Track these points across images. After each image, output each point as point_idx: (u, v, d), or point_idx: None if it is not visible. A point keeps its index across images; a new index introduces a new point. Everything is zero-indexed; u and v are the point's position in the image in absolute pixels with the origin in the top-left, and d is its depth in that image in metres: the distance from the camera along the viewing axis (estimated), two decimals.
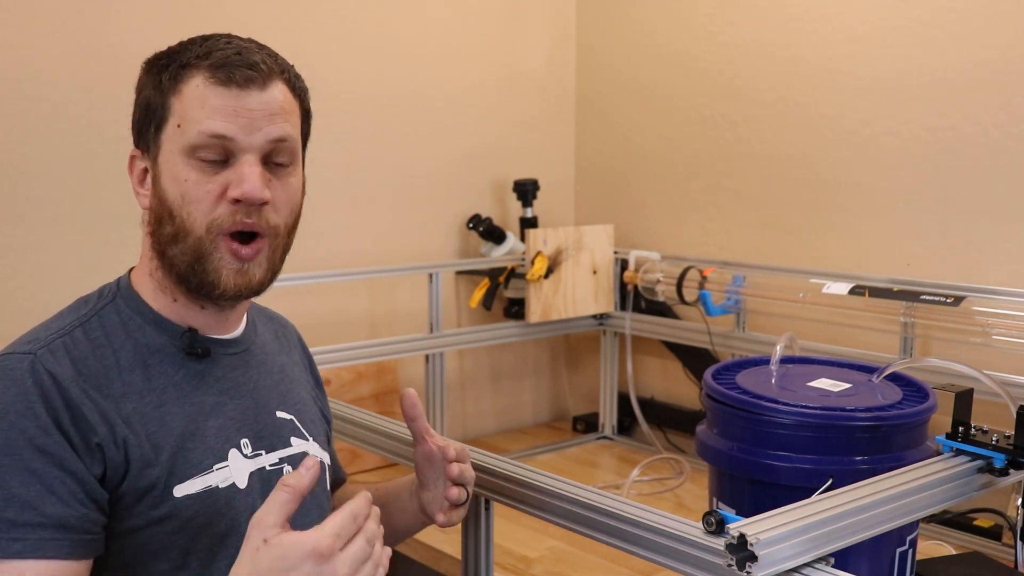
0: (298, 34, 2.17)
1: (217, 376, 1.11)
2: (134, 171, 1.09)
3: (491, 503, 1.30)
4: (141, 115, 1.07)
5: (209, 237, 1.03)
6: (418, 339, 2.19)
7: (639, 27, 2.54)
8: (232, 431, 1.10)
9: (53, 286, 1.88)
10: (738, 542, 0.94)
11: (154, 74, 1.06)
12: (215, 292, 1.05)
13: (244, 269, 1.05)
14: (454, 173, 2.49)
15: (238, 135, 1.02)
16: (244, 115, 1.03)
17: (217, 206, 1.03)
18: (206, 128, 1.02)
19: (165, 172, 1.04)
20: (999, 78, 1.87)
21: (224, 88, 1.03)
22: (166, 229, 1.04)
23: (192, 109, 1.02)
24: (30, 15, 1.83)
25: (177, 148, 1.03)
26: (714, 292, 2.16)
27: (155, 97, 1.05)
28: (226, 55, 1.03)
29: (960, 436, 1.24)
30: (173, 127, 1.04)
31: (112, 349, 1.05)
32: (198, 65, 1.03)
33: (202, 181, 1.03)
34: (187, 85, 1.03)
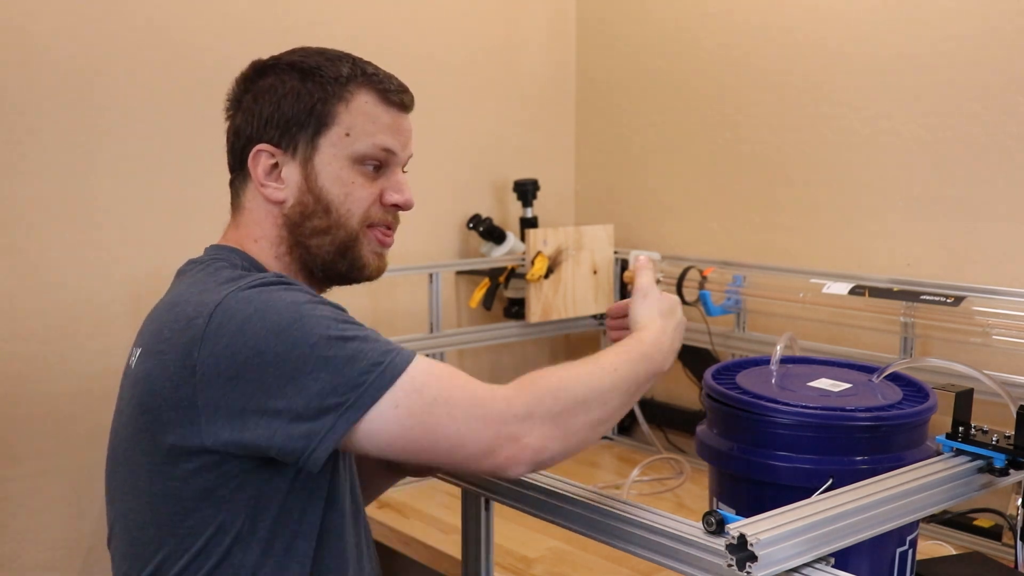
0: (297, 35, 2.16)
1: None
2: (260, 164, 1.19)
3: (491, 503, 1.30)
4: (293, 117, 1.17)
5: (361, 229, 1.20)
6: (418, 339, 2.19)
7: (639, 28, 2.54)
8: None
9: (54, 286, 1.88)
10: (738, 542, 0.94)
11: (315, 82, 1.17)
12: (364, 273, 1.23)
13: (383, 254, 1.25)
14: (454, 173, 2.49)
15: (398, 150, 1.23)
16: (403, 133, 1.24)
17: (372, 206, 1.21)
18: (379, 142, 1.20)
19: (327, 173, 1.18)
20: (999, 78, 1.87)
21: (394, 108, 1.22)
22: (315, 223, 1.18)
23: (364, 122, 1.19)
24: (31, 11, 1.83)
25: (344, 154, 1.18)
26: (714, 292, 2.16)
27: (314, 103, 1.17)
28: (391, 81, 1.21)
29: (960, 436, 1.24)
30: (340, 135, 1.18)
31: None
32: (365, 84, 1.19)
33: (366, 184, 1.20)
34: (356, 99, 1.18)
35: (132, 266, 1.96)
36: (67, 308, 1.90)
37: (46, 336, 1.88)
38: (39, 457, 1.88)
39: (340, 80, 1.17)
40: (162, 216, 2.00)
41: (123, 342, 2.01)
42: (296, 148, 1.17)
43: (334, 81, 1.17)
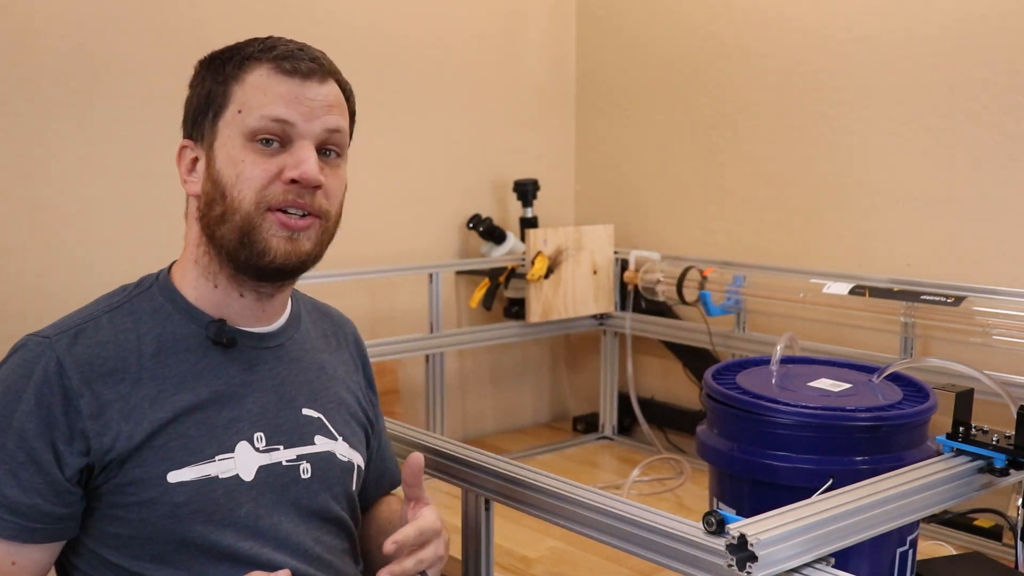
0: (297, 35, 2.16)
1: (242, 368, 1.13)
2: (183, 161, 1.13)
3: (491, 503, 1.30)
4: (198, 106, 1.11)
5: (258, 211, 1.07)
6: (418, 339, 2.19)
7: (639, 28, 2.54)
8: (246, 423, 1.11)
9: (54, 286, 1.88)
10: (738, 542, 0.94)
11: (215, 68, 1.11)
12: (265, 260, 1.08)
13: (294, 238, 1.08)
14: (454, 173, 2.49)
15: (298, 121, 1.08)
16: (304, 103, 1.08)
17: (270, 185, 1.07)
18: (268, 112, 1.07)
19: (221, 155, 1.08)
20: (999, 78, 1.87)
21: (288, 77, 1.08)
22: (216, 210, 1.08)
23: (255, 96, 1.08)
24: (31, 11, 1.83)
25: (237, 132, 1.08)
26: (714, 292, 2.16)
27: (215, 87, 1.10)
28: (289, 49, 1.10)
29: (960, 436, 1.24)
30: (233, 113, 1.08)
31: (137, 335, 1.09)
32: (262, 57, 1.09)
33: (259, 162, 1.07)
34: (251, 74, 1.09)
35: (134, 266, 1.95)
36: (67, 308, 1.90)
37: None
38: None
39: (236, 60, 1.10)
40: (164, 216, 2.00)
41: None
42: (203, 137, 1.11)
43: (230, 61, 1.10)
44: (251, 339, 1.14)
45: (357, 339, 1.35)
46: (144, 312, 1.11)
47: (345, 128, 1.13)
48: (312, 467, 1.15)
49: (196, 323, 1.11)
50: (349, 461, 1.21)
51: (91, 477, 1.04)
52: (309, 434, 1.17)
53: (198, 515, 1.06)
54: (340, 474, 1.19)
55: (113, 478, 1.04)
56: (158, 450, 1.05)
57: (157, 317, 1.11)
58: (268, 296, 1.14)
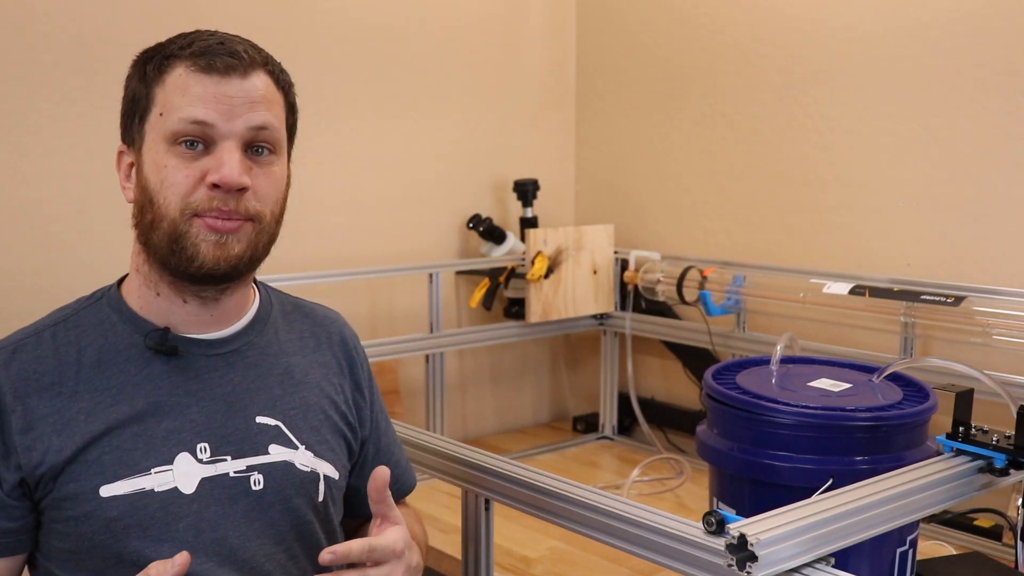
0: (296, 34, 2.17)
1: (187, 377, 1.09)
2: (121, 166, 1.10)
3: (491, 503, 1.30)
4: (127, 109, 1.09)
5: (183, 218, 1.03)
6: (418, 339, 2.19)
7: (639, 27, 2.54)
8: (188, 434, 1.07)
9: (54, 286, 1.88)
10: (738, 542, 0.94)
11: (139, 67, 1.08)
12: (193, 266, 1.04)
13: (223, 241, 1.04)
14: (454, 173, 2.49)
15: (218, 121, 1.03)
16: (224, 101, 1.03)
17: (195, 191, 1.03)
18: (186, 114, 1.02)
19: (147, 161, 1.05)
20: (999, 78, 1.87)
21: (205, 75, 1.04)
22: (147, 217, 1.05)
23: (174, 97, 1.03)
24: (27, 11, 1.83)
25: (159, 136, 1.04)
26: (714, 292, 2.16)
27: (140, 89, 1.07)
28: (208, 44, 1.05)
29: (960, 436, 1.24)
30: (156, 116, 1.05)
31: (77, 348, 1.07)
32: (180, 55, 1.05)
33: (181, 167, 1.03)
34: (170, 75, 1.05)
35: None
36: None
37: None
38: None
39: (157, 60, 1.06)
40: None
41: None
42: (133, 141, 1.08)
43: (151, 61, 1.06)
44: (199, 346, 1.10)
45: (344, 339, 1.26)
46: (89, 324, 1.09)
47: (274, 123, 1.07)
48: (265, 478, 1.09)
49: (139, 333, 1.09)
50: (313, 471, 1.13)
51: (31, 492, 1.04)
52: (262, 443, 1.11)
53: (133, 530, 1.02)
54: (300, 484, 1.12)
55: (49, 493, 1.03)
56: (91, 464, 1.03)
57: (101, 329, 1.09)
58: (213, 300, 1.10)
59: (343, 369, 1.24)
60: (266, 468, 1.10)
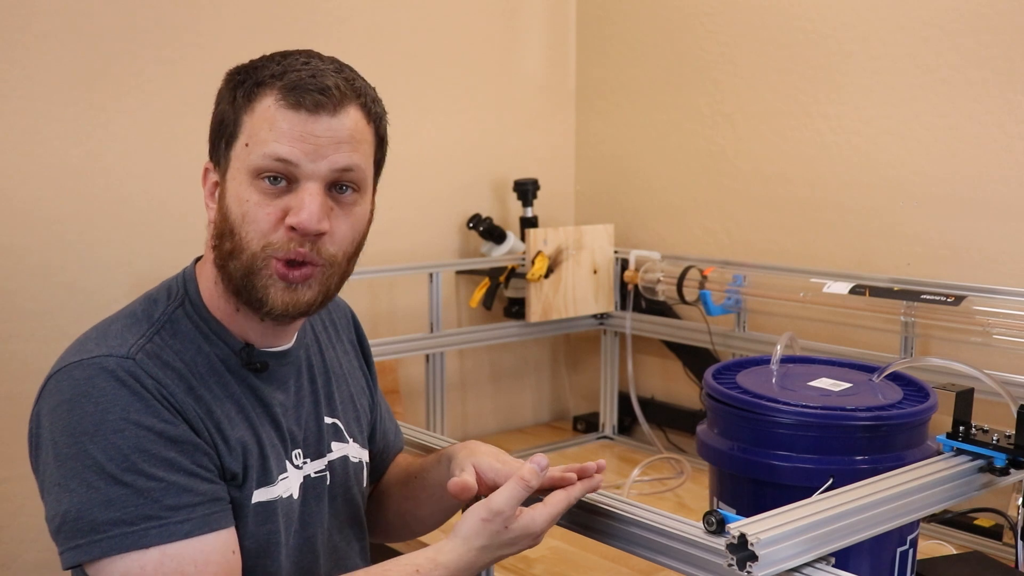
0: (296, 34, 2.17)
1: (275, 388, 1.13)
2: (206, 183, 1.09)
3: None
4: (215, 129, 1.07)
5: (262, 255, 1.03)
6: (418, 339, 2.19)
7: (639, 27, 2.53)
8: (289, 443, 1.13)
9: (54, 286, 1.88)
10: (738, 542, 0.94)
11: (231, 89, 1.06)
12: (263, 310, 1.05)
13: (293, 288, 1.05)
14: (454, 173, 2.49)
15: (302, 161, 1.01)
16: (310, 141, 1.02)
17: (275, 230, 1.02)
18: (271, 151, 1.01)
19: (231, 190, 1.04)
20: (999, 77, 1.87)
21: (293, 112, 1.02)
22: (226, 245, 1.05)
23: (261, 130, 1.02)
24: (28, 12, 1.83)
25: (243, 167, 1.03)
26: (714, 292, 2.16)
27: (228, 113, 1.05)
28: (300, 77, 1.02)
29: (961, 436, 1.24)
30: (242, 146, 1.03)
31: (189, 355, 1.06)
32: (272, 84, 1.03)
33: (263, 203, 1.02)
34: (259, 104, 1.03)
35: (134, 266, 1.96)
36: (68, 308, 1.90)
37: (46, 336, 1.88)
38: None
39: (249, 83, 1.04)
40: (165, 215, 2.00)
41: None
42: (219, 162, 1.07)
43: (244, 84, 1.04)
44: (276, 359, 1.14)
45: (349, 317, 1.34)
46: (185, 332, 1.08)
47: (360, 164, 1.06)
48: (331, 474, 1.19)
49: (230, 346, 1.10)
50: (359, 461, 1.24)
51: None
52: (327, 442, 1.19)
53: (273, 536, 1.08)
54: (354, 475, 1.23)
55: None
56: (247, 471, 1.06)
57: (196, 338, 1.08)
58: (288, 322, 1.12)
59: (356, 350, 1.33)
60: (332, 465, 1.19)
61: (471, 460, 1.16)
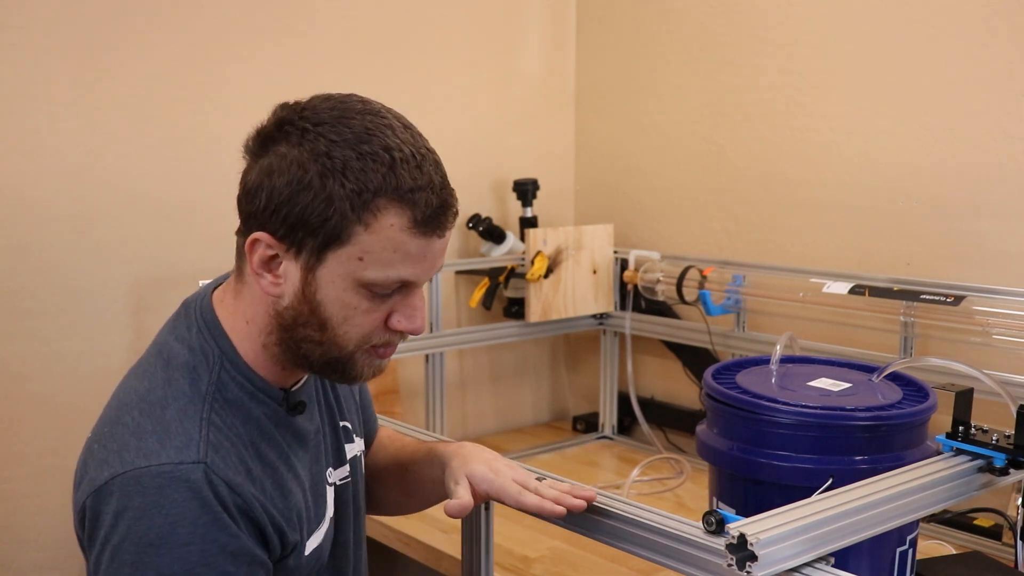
0: (297, 35, 2.16)
1: (307, 419, 1.15)
2: (257, 253, 1.02)
3: (491, 503, 1.30)
4: (299, 218, 0.98)
5: (358, 350, 1.05)
6: (418, 339, 2.19)
7: (639, 27, 2.53)
8: (324, 467, 1.17)
9: (54, 286, 1.88)
10: (738, 542, 0.94)
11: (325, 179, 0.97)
12: (353, 383, 1.11)
13: (380, 362, 1.09)
14: (454, 173, 2.44)
15: (421, 277, 1.04)
16: (429, 260, 1.03)
17: (375, 331, 1.05)
18: (395, 275, 1.01)
19: (328, 291, 1.01)
20: (999, 77, 1.87)
21: (425, 239, 1.01)
22: (309, 333, 1.04)
23: (383, 251, 0.99)
24: (30, 15, 1.83)
25: (352, 276, 1.00)
26: (714, 292, 2.16)
27: (331, 215, 0.98)
28: (429, 203, 1.00)
29: (960, 435, 1.24)
30: (352, 256, 0.99)
31: (240, 425, 1.06)
32: (395, 203, 0.99)
33: (371, 310, 1.03)
34: (380, 222, 0.98)
35: (134, 266, 1.96)
36: (67, 308, 1.90)
37: (46, 336, 1.88)
38: (39, 457, 1.88)
39: (366, 194, 0.97)
40: (164, 216, 2.00)
41: (123, 343, 2.01)
42: (300, 251, 1.00)
43: (358, 194, 0.97)
44: (302, 391, 1.15)
45: None
46: (235, 398, 1.06)
47: None
48: (351, 478, 1.23)
49: (273, 399, 1.09)
50: (361, 454, 1.28)
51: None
52: (343, 446, 1.23)
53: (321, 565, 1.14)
54: (361, 468, 1.27)
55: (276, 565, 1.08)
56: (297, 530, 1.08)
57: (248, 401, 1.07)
58: None
59: None
60: (351, 466, 1.23)
61: (464, 471, 1.16)
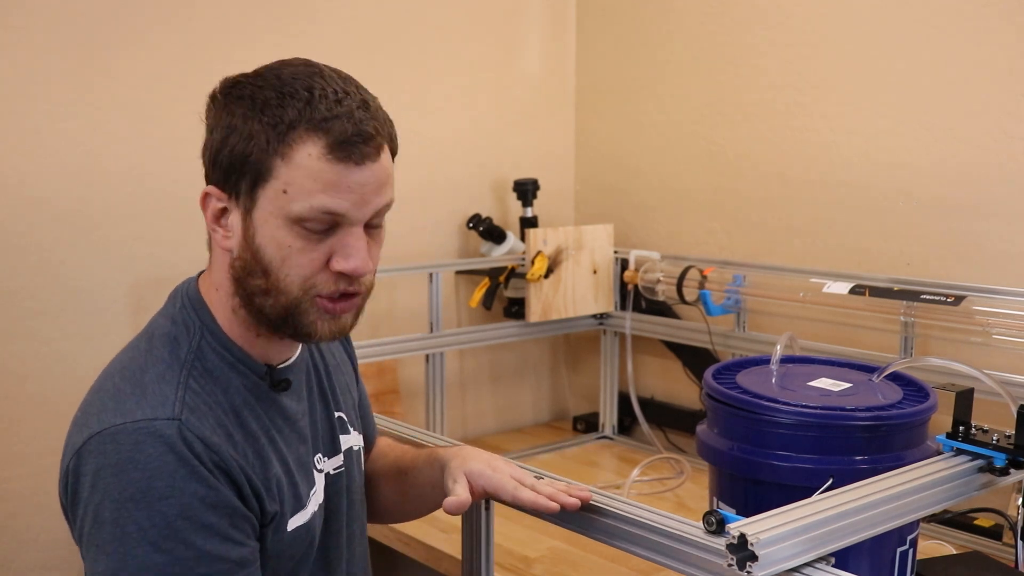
0: (297, 35, 2.16)
1: (296, 399, 1.15)
2: (208, 207, 1.06)
3: (491, 503, 1.30)
4: (229, 160, 1.02)
5: (306, 298, 1.04)
6: (418, 339, 2.19)
7: (639, 27, 2.53)
8: (313, 451, 1.16)
9: (54, 286, 1.88)
10: (738, 542, 0.94)
11: (248, 119, 1.01)
12: (310, 340, 1.08)
13: (338, 319, 1.07)
14: (454, 173, 2.49)
15: (350, 211, 1.01)
16: (357, 191, 1.01)
17: (318, 274, 1.03)
18: (319, 204, 1.00)
19: (263, 231, 1.02)
20: (999, 77, 1.87)
21: (341, 165, 1.00)
22: (256, 282, 1.04)
23: (304, 180, 0.99)
24: (29, 15, 1.83)
25: (280, 213, 1.01)
26: (714, 292, 2.16)
27: (252, 150, 1.00)
28: (344, 129, 1.00)
29: (960, 435, 1.24)
30: (277, 191, 1.00)
31: (222, 393, 1.06)
32: (311, 132, 0.99)
33: (307, 249, 1.02)
34: (297, 152, 0.99)
35: (134, 266, 1.96)
36: (67, 308, 1.90)
37: (47, 336, 1.88)
38: (39, 457, 1.88)
39: (281, 126, 0.99)
40: (164, 216, 1.99)
41: (123, 343, 2.00)
42: (238, 195, 1.03)
43: (274, 127, 0.99)
44: (290, 371, 1.15)
45: None
46: (215, 367, 1.07)
47: (392, 195, 1.07)
48: (346, 465, 1.22)
49: (255, 372, 1.10)
50: (360, 447, 1.27)
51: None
52: (338, 436, 1.22)
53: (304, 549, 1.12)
54: (360, 464, 1.27)
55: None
56: (280, 504, 1.08)
57: (228, 370, 1.08)
58: None
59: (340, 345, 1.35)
60: (345, 457, 1.23)
61: (463, 469, 1.17)
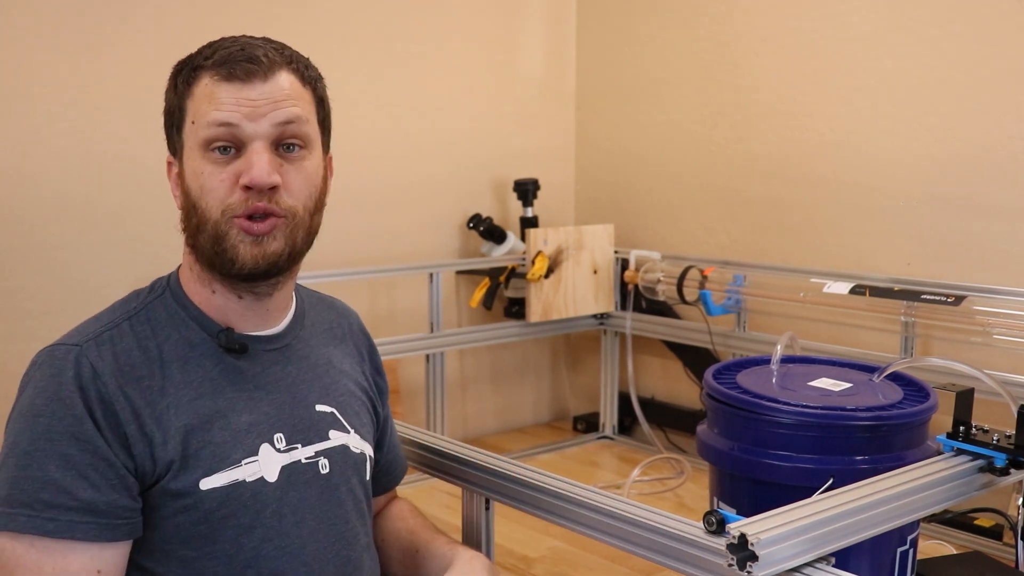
0: (298, 36, 2.16)
1: (255, 372, 1.15)
2: (171, 175, 1.15)
3: (491, 503, 1.30)
4: (167, 120, 1.13)
5: (224, 219, 1.08)
6: (418, 339, 2.19)
7: (639, 27, 2.54)
8: (265, 426, 1.13)
9: (54, 286, 1.88)
10: (739, 542, 0.94)
11: (172, 79, 1.13)
12: (234, 268, 1.09)
13: (259, 242, 1.09)
14: (454, 173, 2.49)
15: (243, 122, 1.07)
16: (247, 104, 1.07)
17: (231, 194, 1.08)
18: (212, 119, 1.07)
19: (187, 169, 1.10)
20: (999, 77, 1.87)
21: (228, 83, 1.08)
22: (192, 222, 1.10)
23: (202, 105, 1.08)
24: (30, 15, 1.83)
25: (194, 144, 1.08)
26: (715, 292, 2.16)
27: (173, 100, 1.12)
28: (229, 52, 1.09)
29: (961, 435, 1.24)
30: (189, 125, 1.09)
31: (156, 342, 1.10)
32: (205, 65, 1.09)
33: (216, 171, 1.08)
34: (198, 85, 1.09)
35: (134, 266, 1.96)
36: (68, 308, 1.90)
37: (47, 336, 1.88)
38: None
39: (187, 70, 1.11)
40: (164, 216, 1.99)
41: None
42: (176, 150, 1.13)
43: (181, 73, 1.12)
44: (259, 343, 1.16)
45: (362, 328, 1.37)
46: (160, 319, 1.12)
47: (304, 116, 1.11)
48: (330, 462, 1.18)
49: (207, 331, 1.13)
50: (361, 452, 1.24)
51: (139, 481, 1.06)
52: (323, 429, 1.19)
53: (228, 519, 1.08)
54: (355, 466, 1.23)
55: (153, 485, 1.06)
56: (190, 458, 1.07)
57: (174, 324, 1.12)
58: (266, 296, 1.15)
59: (363, 356, 1.34)
60: (329, 452, 1.19)
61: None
